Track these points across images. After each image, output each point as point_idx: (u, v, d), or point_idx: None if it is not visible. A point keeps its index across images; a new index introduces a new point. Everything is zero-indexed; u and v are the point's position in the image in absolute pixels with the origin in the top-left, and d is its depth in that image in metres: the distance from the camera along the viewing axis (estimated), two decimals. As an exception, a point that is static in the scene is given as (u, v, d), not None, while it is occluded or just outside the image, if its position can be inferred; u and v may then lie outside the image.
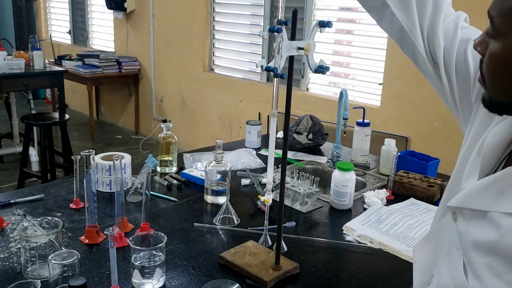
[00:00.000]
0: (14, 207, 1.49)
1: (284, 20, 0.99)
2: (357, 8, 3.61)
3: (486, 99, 0.78)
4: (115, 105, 5.97)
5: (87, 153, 1.27)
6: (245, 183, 1.76)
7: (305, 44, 1.03)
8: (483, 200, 0.78)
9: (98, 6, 5.90)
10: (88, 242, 1.29)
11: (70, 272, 1.02)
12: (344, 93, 1.89)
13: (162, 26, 5.05)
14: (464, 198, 0.82)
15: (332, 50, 3.80)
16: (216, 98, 4.63)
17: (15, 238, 1.30)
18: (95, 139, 5.31)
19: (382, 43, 3.38)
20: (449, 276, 0.85)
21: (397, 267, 1.27)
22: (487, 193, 0.78)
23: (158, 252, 1.12)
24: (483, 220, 0.77)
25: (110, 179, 1.61)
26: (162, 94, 5.25)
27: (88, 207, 1.30)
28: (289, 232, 1.41)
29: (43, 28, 7.06)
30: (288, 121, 1.09)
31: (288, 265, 1.18)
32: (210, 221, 1.47)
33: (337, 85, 3.82)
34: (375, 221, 1.50)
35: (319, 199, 1.64)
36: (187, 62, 4.84)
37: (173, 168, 1.86)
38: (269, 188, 1.17)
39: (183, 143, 4.84)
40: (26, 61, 4.12)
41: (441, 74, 0.97)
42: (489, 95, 0.78)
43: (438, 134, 3.09)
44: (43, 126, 3.71)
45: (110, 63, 5.27)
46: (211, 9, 4.56)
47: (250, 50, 4.37)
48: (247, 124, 2.21)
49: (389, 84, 3.36)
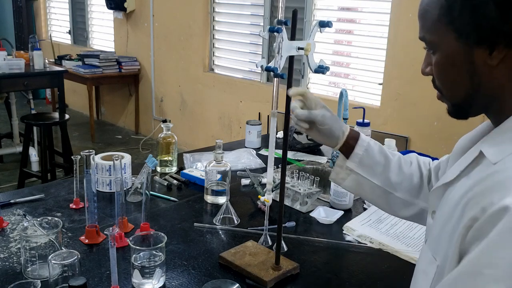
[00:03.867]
0: (14, 207, 1.48)
1: (284, 20, 0.99)
2: (357, 8, 3.61)
3: (450, 109, 0.85)
4: (115, 105, 5.96)
5: (87, 153, 1.27)
6: (245, 183, 1.76)
7: (305, 44, 1.03)
8: (432, 201, 0.89)
9: (98, 6, 5.90)
10: (88, 242, 1.29)
11: (70, 272, 1.02)
12: (344, 93, 1.89)
13: (162, 26, 5.05)
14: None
15: (332, 50, 3.80)
16: (216, 98, 4.63)
17: (15, 238, 1.30)
18: (95, 139, 5.31)
19: (382, 43, 3.38)
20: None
21: (397, 267, 1.27)
22: (435, 193, 0.88)
23: (158, 252, 1.12)
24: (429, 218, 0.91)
25: (110, 179, 1.61)
26: (162, 94, 5.25)
27: (88, 207, 1.30)
28: (289, 232, 1.41)
29: (43, 28, 7.06)
30: (288, 121, 1.09)
31: (288, 265, 1.18)
32: (210, 221, 1.47)
33: (337, 85, 3.82)
34: (375, 221, 1.50)
35: (319, 199, 1.64)
36: (187, 62, 4.84)
37: (173, 168, 1.86)
38: (269, 188, 1.17)
39: (183, 143, 4.84)
40: (26, 61, 4.12)
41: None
42: (450, 102, 0.84)
43: (438, 134, 3.09)
44: (43, 126, 3.71)
45: (110, 63, 5.27)
46: (211, 9, 4.56)
47: (250, 50, 4.37)
48: (247, 124, 2.21)
49: (389, 84, 3.35)
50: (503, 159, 0.72)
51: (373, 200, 1.12)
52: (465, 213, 0.71)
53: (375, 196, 1.09)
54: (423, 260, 0.86)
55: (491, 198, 0.67)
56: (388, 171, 1.07)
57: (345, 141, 1.06)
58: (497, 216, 0.65)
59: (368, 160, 1.06)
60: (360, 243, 1.37)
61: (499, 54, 0.74)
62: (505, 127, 0.77)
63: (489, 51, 0.74)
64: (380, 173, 1.07)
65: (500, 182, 0.69)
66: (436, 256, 0.80)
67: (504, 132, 0.77)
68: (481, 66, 0.76)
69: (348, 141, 1.06)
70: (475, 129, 0.91)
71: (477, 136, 0.88)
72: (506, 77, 0.76)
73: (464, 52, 0.77)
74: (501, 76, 0.76)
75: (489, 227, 0.66)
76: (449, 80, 0.82)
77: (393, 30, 3.25)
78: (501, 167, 0.71)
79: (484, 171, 0.74)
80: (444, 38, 0.78)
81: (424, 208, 1.07)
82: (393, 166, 1.07)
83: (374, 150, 1.07)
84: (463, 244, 0.70)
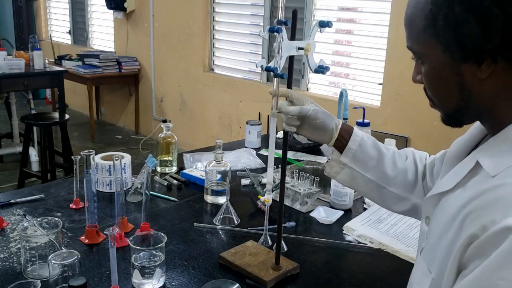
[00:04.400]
0: (14, 207, 1.48)
1: (284, 20, 0.99)
2: (357, 8, 3.61)
3: (444, 118, 0.84)
4: (115, 105, 5.96)
5: (87, 153, 1.27)
6: (245, 183, 1.76)
7: (305, 44, 1.03)
8: (426, 207, 0.88)
9: (98, 6, 5.90)
10: (88, 242, 1.29)
11: (70, 272, 1.02)
12: (344, 93, 1.88)
13: (162, 26, 5.05)
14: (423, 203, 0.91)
15: (332, 50, 3.80)
16: (216, 98, 4.63)
17: (15, 238, 1.30)
18: (95, 139, 5.31)
19: (382, 43, 3.38)
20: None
21: (397, 267, 1.27)
22: (430, 200, 0.86)
23: (158, 252, 1.12)
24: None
25: (110, 179, 1.61)
26: (162, 94, 5.25)
27: (88, 207, 1.30)
28: (289, 232, 1.41)
29: (43, 28, 7.06)
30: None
31: (288, 265, 1.18)
32: (210, 221, 1.47)
33: (337, 85, 3.82)
34: (375, 221, 1.50)
35: (319, 199, 1.64)
36: (187, 62, 4.84)
37: (173, 168, 1.86)
38: (269, 188, 1.17)
39: (183, 143, 4.84)
40: (26, 61, 4.12)
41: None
42: (443, 111, 0.83)
43: (438, 134, 3.09)
44: (43, 126, 3.71)
45: (110, 63, 5.27)
46: (211, 9, 4.56)
47: (250, 50, 4.37)
48: (247, 124, 2.21)
49: (389, 84, 3.35)
50: (502, 172, 0.70)
51: (366, 193, 1.13)
52: (464, 229, 0.70)
53: (369, 190, 1.10)
54: (417, 271, 0.84)
55: (493, 216, 0.65)
56: (381, 166, 1.07)
57: (338, 135, 1.06)
58: (499, 236, 0.63)
59: (362, 154, 1.06)
60: (360, 243, 1.37)
61: (488, 68, 0.72)
62: (502, 138, 0.75)
63: (477, 65, 0.72)
64: (373, 168, 1.07)
65: (501, 199, 0.67)
66: (431, 269, 0.78)
67: (501, 143, 0.74)
68: (470, 79, 0.74)
69: (342, 135, 1.06)
70: (468, 132, 0.90)
71: (471, 140, 0.87)
72: (497, 89, 0.73)
73: (452, 64, 0.75)
74: (492, 88, 0.74)
75: (491, 247, 0.64)
76: (439, 91, 0.80)
77: (393, 30, 3.25)
78: (500, 181, 0.69)
79: (482, 183, 0.72)
80: (431, 49, 0.76)
81: (417, 204, 1.07)
82: (387, 161, 1.08)
83: (368, 144, 1.07)
84: (462, 260, 0.69)
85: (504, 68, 0.71)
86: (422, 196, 1.07)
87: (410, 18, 0.79)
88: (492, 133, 0.79)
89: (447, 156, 0.92)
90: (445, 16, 0.72)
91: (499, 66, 0.71)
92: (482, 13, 0.68)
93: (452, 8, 0.70)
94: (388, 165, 1.07)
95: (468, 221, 0.70)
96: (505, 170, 0.70)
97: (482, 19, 0.68)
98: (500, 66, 0.71)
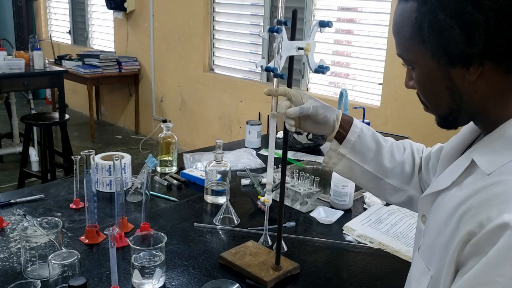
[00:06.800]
0: (14, 207, 1.48)
1: (284, 20, 0.99)
2: (357, 8, 3.61)
3: (438, 121, 0.85)
4: (115, 105, 5.96)
5: (87, 153, 1.27)
6: (245, 183, 1.76)
7: (305, 44, 1.03)
8: (423, 206, 0.89)
9: (98, 6, 5.90)
10: (88, 242, 1.29)
11: (70, 272, 1.02)
12: (344, 93, 1.89)
13: (162, 26, 5.05)
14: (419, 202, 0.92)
15: (332, 50, 3.80)
16: (216, 98, 4.63)
17: (15, 238, 1.30)
18: (95, 139, 5.31)
19: (382, 43, 3.38)
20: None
21: (397, 267, 1.27)
22: (426, 199, 0.87)
23: (158, 252, 1.12)
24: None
25: (110, 179, 1.61)
26: (162, 94, 5.25)
27: (88, 207, 1.30)
28: (289, 232, 1.41)
29: (43, 28, 7.06)
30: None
31: (288, 265, 1.18)
32: (210, 221, 1.47)
33: (337, 85, 3.82)
34: (375, 221, 1.50)
35: (319, 199, 1.64)
36: (187, 62, 4.84)
37: (173, 168, 1.86)
38: (269, 188, 1.17)
39: (183, 143, 4.84)
40: (26, 61, 4.12)
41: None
42: (437, 115, 0.85)
43: (438, 134, 3.08)
44: (43, 126, 3.71)
45: (110, 63, 5.27)
46: (211, 9, 4.56)
47: (250, 50, 4.37)
48: (247, 124, 2.21)
49: (389, 84, 3.35)
50: (497, 170, 0.71)
51: (363, 184, 1.13)
52: (461, 227, 0.70)
53: (366, 181, 1.11)
54: (416, 269, 0.85)
55: (489, 212, 0.66)
56: (379, 158, 1.08)
57: (339, 126, 1.07)
58: (496, 233, 0.64)
59: (360, 146, 1.07)
60: (360, 243, 1.37)
61: (476, 70, 0.73)
62: (495, 136, 0.76)
63: (465, 68, 0.73)
64: (372, 159, 1.08)
65: (497, 196, 0.67)
66: (430, 267, 0.79)
67: (495, 141, 0.75)
68: (460, 82, 0.75)
69: (342, 125, 1.07)
70: (461, 131, 0.91)
71: (465, 139, 0.88)
72: (488, 89, 0.75)
73: (441, 69, 0.76)
74: (482, 89, 0.75)
75: (488, 244, 0.65)
76: (431, 96, 0.82)
77: (393, 30, 3.25)
78: (496, 179, 0.70)
79: (477, 181, 0.73)
80: (420, 56, 0.78)
81: (413, 196, 1.09)
82: (385, 153, 1.08)
83: (367, 136, 1.08)
84: (460, 258, 0.70)
85: (492, 69, 0.73)
86: (418, 188, 1.09)
87: (398, 26, 0.80)
88: (486, 132, 0.80)
89: (443, 154, 0.94)
90: (430, 23, 0.73)
91: (487, 68, 0.73)
92: (464, 19, 0.70)
93: (435, 15, 0.72)
94: (386, 157, 1.08)
95: (465, 219, 0.70)
96: (500, 167, 0.71)
97: (465, 25, 0.70)
98: (488, 68, 0.73)
